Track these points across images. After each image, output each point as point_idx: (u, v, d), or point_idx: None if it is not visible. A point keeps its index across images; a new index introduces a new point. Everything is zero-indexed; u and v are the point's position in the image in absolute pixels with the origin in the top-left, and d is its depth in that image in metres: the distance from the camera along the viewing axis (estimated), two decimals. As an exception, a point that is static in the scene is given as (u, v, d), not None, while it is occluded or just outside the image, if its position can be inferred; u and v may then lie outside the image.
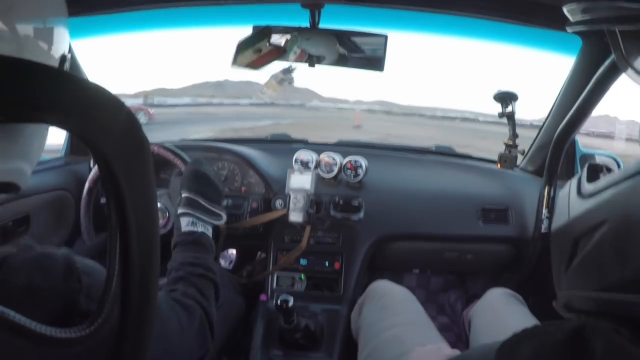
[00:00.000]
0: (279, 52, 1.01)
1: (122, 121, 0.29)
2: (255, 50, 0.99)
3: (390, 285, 1.09)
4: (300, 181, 1.29)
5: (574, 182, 0.44)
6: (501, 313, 0.99)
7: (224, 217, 0.82)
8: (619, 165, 1.29)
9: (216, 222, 0.80)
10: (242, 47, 0.99)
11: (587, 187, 0.41)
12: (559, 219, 0.44)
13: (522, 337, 0.38)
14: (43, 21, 0.37)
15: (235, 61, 1.00)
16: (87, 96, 0.27)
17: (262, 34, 1.00)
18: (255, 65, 1.01)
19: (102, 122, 0.27)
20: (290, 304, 0.99)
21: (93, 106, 0.27)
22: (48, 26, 0.38)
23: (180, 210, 0.79)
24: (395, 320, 0.93)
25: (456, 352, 0.80)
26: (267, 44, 0.99)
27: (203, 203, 0.80)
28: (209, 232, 0.79)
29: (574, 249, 0.42)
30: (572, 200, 0.43)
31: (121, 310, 0.32)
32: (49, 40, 0.38)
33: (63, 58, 0.41)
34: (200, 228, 0.77)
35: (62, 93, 0.25)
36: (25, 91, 0.23)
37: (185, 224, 0.76)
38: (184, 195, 0.81)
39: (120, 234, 0.31)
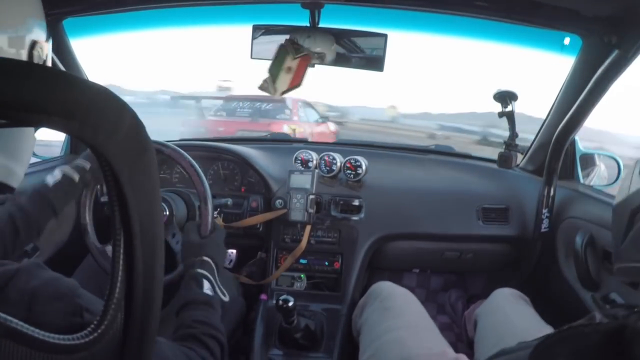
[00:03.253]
0: (309, 59, 1.00)
1: (126, 124, 0.28)
2: (286, 70, 1.00)
3: (392, 287, 1.08)
4: (301, 181, 1.29)
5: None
6: (509, 314, 0.99)
7: (228, 297, 0.84)
8: (619, 165, 1.29)
9: (222, 297, 0.82)
10: (274, 74, 1.00)
11: None
12: (621, 194, 0.46)
13: (557, 339, 0.37)
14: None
15: (277, 91, 1.00)
16: (90, 98, 0.26)
17: (281, 52, 0.99)
18: (295, 84, 1.01)
19: (106, 125, 0.27)
20: (291, 304, 0.99)
21: (96, 109, 0.26)
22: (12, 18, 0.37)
23: (200, 271, 0.81)
24: (397, 323, 0.93)
25: (461, 356, 0.79)
26: (292, 58, 0.99)
27: (217, 274, 0.84)
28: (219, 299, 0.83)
29: (631, 222, 0.42)
30: (634, 176, 0.44)
31: (125, 314, 0.32)
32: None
33: (32, 44, 0.40)
34: (213, 293, 0.80)
35: (64, 95, 0.24)
36: (25, 94, 0.22)
37: (206, 287, 0.79)
38: (205, 258, 0.85)
39: (123, 238, 0.30)
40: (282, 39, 1.03)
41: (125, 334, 0.33)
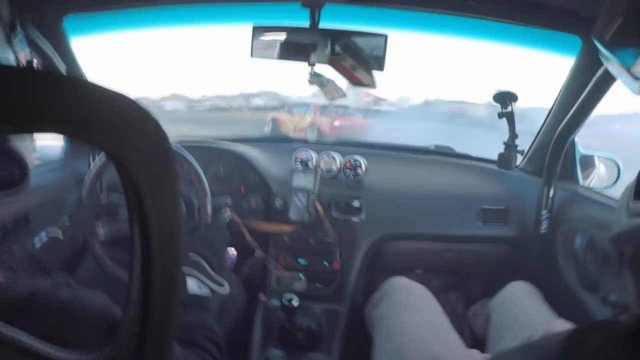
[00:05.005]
0: (349, 66, 1.01)
1: (149, 134, 0.27)
2: (327, 85, 1.03)
3: (407, 282, 1.08)
4: (303, 180, 1.29)
5: (629, 185, 0.43)
6: (524, 306, 0.98)
7: (227, 287, 0.84)
8: (619, 168, 1.29)
9: (219, 291, 0.82)
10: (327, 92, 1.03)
11: None
12: (617, 225, 0.43)
13: (592, 328, 0.42)
14: None
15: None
16: (113, 108, 0.25)
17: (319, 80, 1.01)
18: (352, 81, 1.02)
19: (129, 135, 0.25)
20: (295, 303, 0.98)
21: (119, 119, 0.25)
22: None
23: (185, 271, 0.81)
24: (416, 319, 0.92)
25: (487, 356, 0.79)
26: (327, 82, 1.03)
27: (207, 269, 0.83)
28: (210, 295, 0.82)
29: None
30: (623, 214, 0.42)
31: (141, 328, 0.31)
32: None
33: None
34: (204, 291, 0.79)
35: (86, 106, 0.23)
36: (48, 104, 0.21)
37: (191, 286, 0.78)
38: (191, 256, 0.84)
39: (142, 251, 0.29)
40: (282, 38, 1.03)
41: (140, 348, 0.32)
